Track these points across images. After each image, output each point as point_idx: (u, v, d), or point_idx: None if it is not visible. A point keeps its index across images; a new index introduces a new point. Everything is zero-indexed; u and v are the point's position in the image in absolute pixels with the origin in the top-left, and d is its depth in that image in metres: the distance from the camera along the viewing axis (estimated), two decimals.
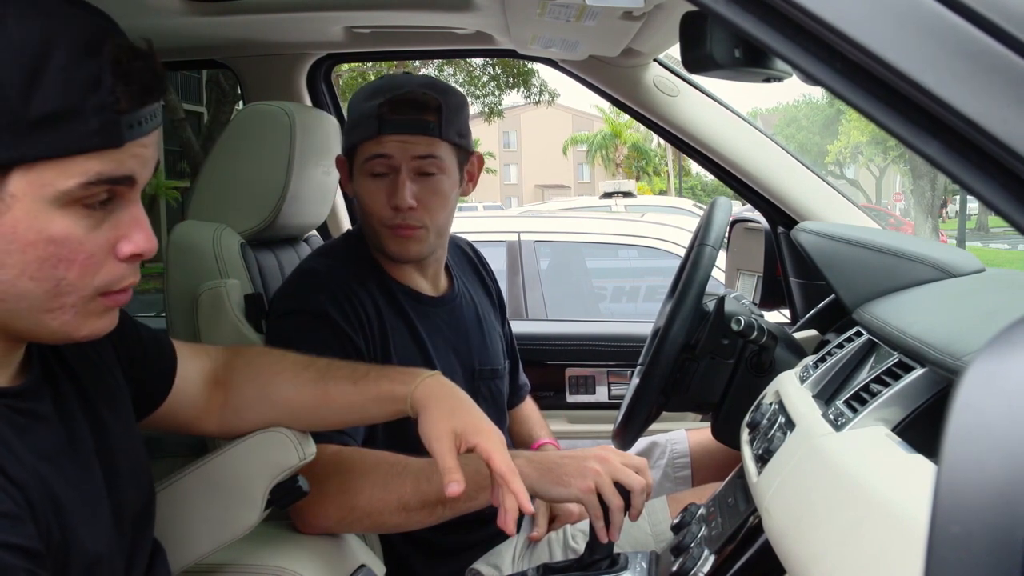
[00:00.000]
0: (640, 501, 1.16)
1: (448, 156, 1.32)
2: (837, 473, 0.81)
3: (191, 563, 1.02)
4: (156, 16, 1.66)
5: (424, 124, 1.28)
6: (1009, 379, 0.41)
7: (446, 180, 1.32)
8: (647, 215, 5.00)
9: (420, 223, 1.31)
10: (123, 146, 0.69)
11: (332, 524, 1.17)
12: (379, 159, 1.30)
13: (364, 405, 1.04)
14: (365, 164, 1.31)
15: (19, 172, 0.66)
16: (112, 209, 0.71)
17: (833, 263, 1.28)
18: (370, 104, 1.29)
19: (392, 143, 1.29)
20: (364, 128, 1.30)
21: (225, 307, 1.32)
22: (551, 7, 1.42)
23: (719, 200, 1.47)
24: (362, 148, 1.31)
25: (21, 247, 0.68)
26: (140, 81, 0.70)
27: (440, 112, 1.29)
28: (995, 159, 0.51)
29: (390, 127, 1.28)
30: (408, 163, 1.29)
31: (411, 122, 1.28)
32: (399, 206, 1.29)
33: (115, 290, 0.74)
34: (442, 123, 1.29)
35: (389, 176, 1.30)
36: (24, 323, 0.72)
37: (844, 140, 41.33)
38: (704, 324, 1.41)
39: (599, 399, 2.06)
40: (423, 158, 1.29)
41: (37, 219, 0.67)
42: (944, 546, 0.40)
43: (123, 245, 0.72)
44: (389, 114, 1.28)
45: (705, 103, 1.83)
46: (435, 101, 1.29)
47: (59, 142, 0.66)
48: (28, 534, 0.68)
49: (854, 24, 0.54)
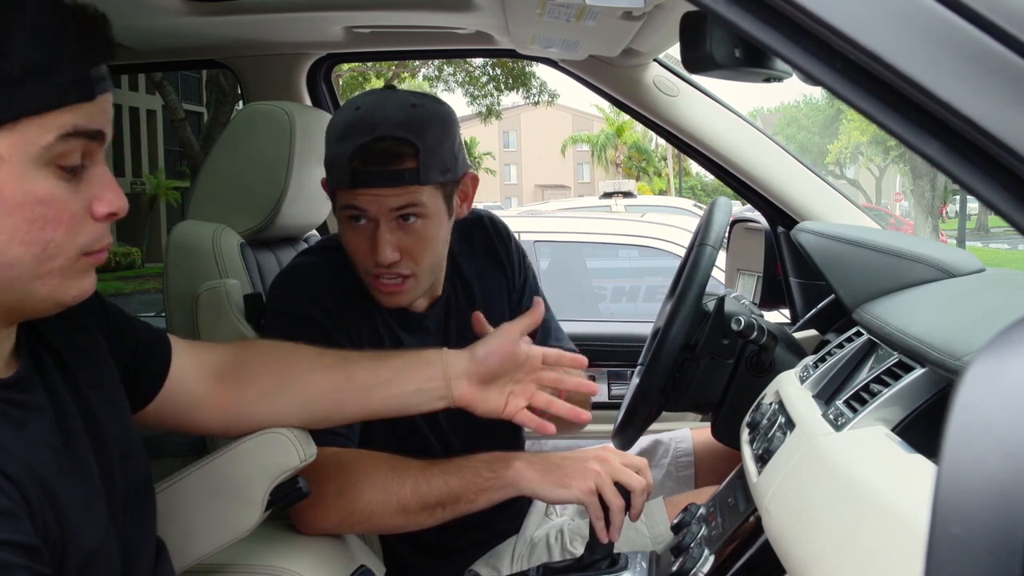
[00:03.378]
0: (640, 501, 1.16)
1: (432, 198, 1.21)
2: (837, 473, 0.81)
3: (192, 563, 1.02)
4: (156, 16, 1.66)
5: (400, 175, 1.17)
6: (1009, 379, 0.41)
7: (431, 224, 1.22)
8: (647, 215, 5.00)
9: (408, 271, 1.24)
10: (94, 99, 0.72)
11: (332, 525, 1.17)
12: (355, 209, 1.21)
13: (391, 379, 1.04)
14: (342, 211, 1.23)
15: (3, 132, 0.68)
16: (84, 172, 0.74)
17: (833, 263, 1.28)
18: (342, 150, 1.19)
19: (366, 197, 1.19)
20: (337, 175, 1.21)
21: (225, 307, 1.32)
22: (551, 7, 1.42)
23: (719, 200, 1.47)
24: (338, 193, 1.23)
25: (9, 209, 0.69)
26: (100, 34, 0.73)
27: (418, 156, 1.17)
28: (995, 159, 0.51)
29: (363, 180, 1.18)
30: (386, 216, 1.20)
31: (386, 175, 1.17)
32: (380, 261, 1.21)
33: (95, 250, 0.76)
34: (421, 169, 1.18)
35: (369, 224, 1.21)
36: (13, 295, 0.73)
37: (844, 140, 41.36)
38: (704, 324, 1.41)
39: (599, 399, 2.05)
40: (402, 207, 1.19)
41: (23, 180, 0.69)
42: (944, 546, 0.40)
43: (98, 206, 0.75)
44: (361, 166, 1.17)
45: (705, 103, 1.83)
46: (411, 148, 1.17)
47: (39, 97, 0.69)
48: (25, 530, 0.68)
49: (854, 24, 0.54)
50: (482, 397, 1.07)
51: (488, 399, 1.08)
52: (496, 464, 1.17)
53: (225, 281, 1.34)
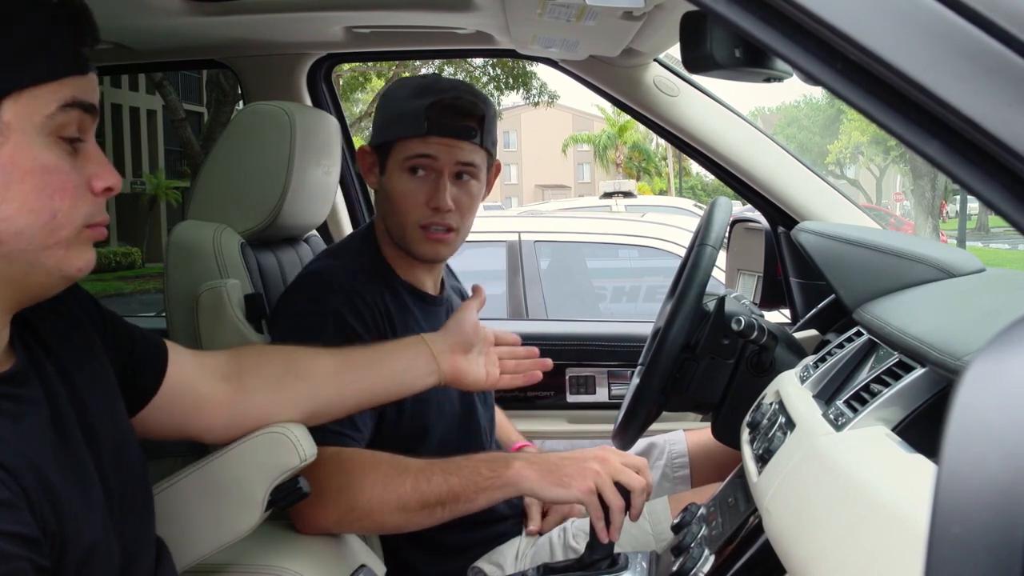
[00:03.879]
0: (640, 501, 1.16)
1: (482, 163, 1.35)
2: (837, 473, 0.81)
3: (192, 563, 1.02)
4: (156, 16, 1.66)
5: (470, 130, 1.31)
6: (1009, 379, 0.41)
7: (478, 186, 1.35)
8: (647, 215, 5.00)
9: (455, 224, 1.34)
10: (87, 74, 0.78)
11: (331, 524, 1.17)
12: (423, 159, 1.31)
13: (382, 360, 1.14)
14: (405, 161, 1.32)
15: (9, 101, 0.73)
16: (79, 149, 0.78)
17: (833, 263, 1.28)
18: (417, 103, 1.30)
19: (439, 145, 1.30)
20: (409, 125, 1.30)
21: (225, 307, 1.32)
22: (551, 7, 1.42)
23: (719, 200, 1.47)
24: (403, 145, 1.32)
25: (20, 176, 0.74)
26: (86, 19, 0.78)
27: (483, 121, 1.32)
28: (995, 159, 0.51)
29: (439, 129, 1.29)
30: (451, 167, 1.31)
31: (459, 128, 1.30)
32: (440, 207, 1.30)
33: (95, 223, 0.80)
34: (483, 132, 1.32)
35: (430, 176, 1.31)
36: (19, 267, 0.76)
37: (845, 140, 41.36)
38: (704, 324, 1.41)
39: (599, 399, 2.06)
40: (465, 164, 1.32)
41: (31, 148, 0.74)
42: (944, 546, 0.40)
43: (95, 181, 0.79)
44: (438, 117, 1.29)
45: (705, 103, 1.83)
46: (480, 110, 1.32)
47: (42, 67, 0.75)
48: (25, 521, 0.68)
49: (854, 24, 0.54)
50: (466, 368, 1.19)
51: (471, 369, 1.19)
52: (496, 463, 1.18)
53: (226, 281, 1.34)
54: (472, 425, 1.44)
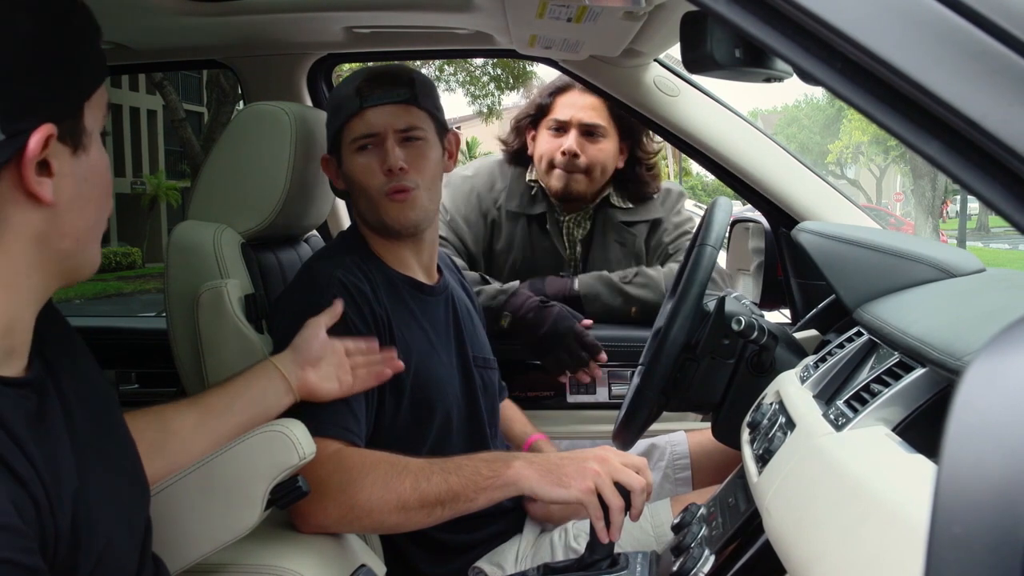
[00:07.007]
0: (640, 501, 1.16)
1: (428, 126, 1.39)
2: (837, 473, 0.81)
3: (191, 563, 1.02)
4: (156, 16, 1.66)
5: (399, 93, 1.37)
6: (1009, 379, 0.41)
7: (429, 147, 1.39)
8: None
9: (413, 183, 1.36)
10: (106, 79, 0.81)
11: (331, 522, 1.18)
12: (367, 138, 1.36)
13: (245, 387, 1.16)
14: (352, 144, 1.37)
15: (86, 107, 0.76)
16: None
17: (833, 263, 1.28)
18: (349, 87, 1.38)
19: (375, 114, 1.36)
20: (346, 108, 1.37)
21: (225, 307, 1.32)
22: (551, 7, 1.42)
23: (719, 200, 1.47)
24: (347, 129, 1.37)
25: (97, 180, 0.78)
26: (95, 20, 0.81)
27: (414, 85, 1.38)
28: (996, 159, 0.51)
29: (371, 100, 1.36)
30: (393, 133, 1.36)
31: (390, 94, 1.36)
32: (391, 168, 1.34)
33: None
34: (417, 94, 1.38)
35: (379, 148, 1.36)
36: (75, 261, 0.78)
37: (845, 140, 41.31)
38: (704, 324, 1.41)
39: (599, 399, 2.05)
40: (406, 129, 1.37)
41: (101, 151, 0.78)
42: (945, 546, 0.40)
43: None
44: (368, 89, 1.36)
45: (705, 103, 1.83)
46: (407, 72, 1.39)
47: (97, 73, 0.78)
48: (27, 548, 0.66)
49: (854, 24, 0.54)
50: (316, 381, 1.21)
51: (322, 383, 1.22)
52: (496, 463, 1.18)
53: (226, 281, 1.34)
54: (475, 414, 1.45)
